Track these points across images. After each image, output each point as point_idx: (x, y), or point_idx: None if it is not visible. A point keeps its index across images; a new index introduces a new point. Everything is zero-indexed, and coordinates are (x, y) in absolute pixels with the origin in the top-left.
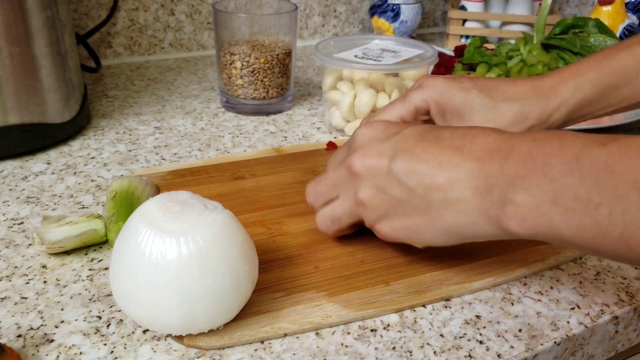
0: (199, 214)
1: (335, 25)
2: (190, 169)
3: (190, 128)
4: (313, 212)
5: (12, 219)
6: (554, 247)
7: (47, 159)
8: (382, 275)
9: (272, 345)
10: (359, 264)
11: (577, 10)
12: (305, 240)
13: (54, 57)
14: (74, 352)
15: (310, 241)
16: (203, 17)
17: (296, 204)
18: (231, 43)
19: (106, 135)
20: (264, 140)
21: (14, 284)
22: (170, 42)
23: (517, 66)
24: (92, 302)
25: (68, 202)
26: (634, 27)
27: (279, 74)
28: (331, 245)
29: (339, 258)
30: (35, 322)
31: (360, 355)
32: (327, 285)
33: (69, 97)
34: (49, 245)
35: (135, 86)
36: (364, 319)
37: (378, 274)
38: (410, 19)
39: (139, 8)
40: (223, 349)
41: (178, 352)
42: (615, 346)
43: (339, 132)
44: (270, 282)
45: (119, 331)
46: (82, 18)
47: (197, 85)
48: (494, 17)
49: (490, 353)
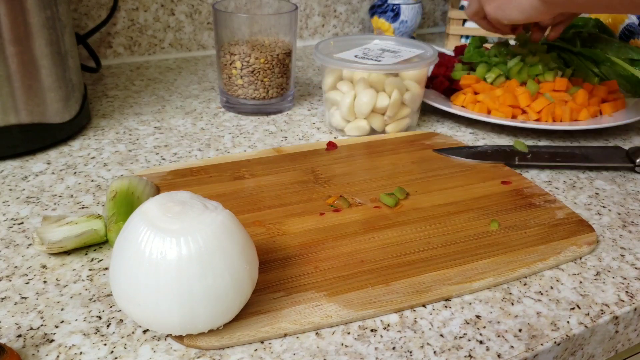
0: (199, 213)
1: (335, 25)
2: (190, 169)
3: (190, 128)
4: (313, 212)
5: (12, 219)
6: (554, 247)
7: (47, 159)
8: (382, 275)
9: (272, 346)
10: (359, 264)
11: None
12: (305, 240)
13: (54, 57)
14: (73, 352)
15: (310, 241)
16: (203, 17)
17: (296, 204)
18: (231, 43)
19: (106, 135)
20: (264, 140)
21: (14, 284)
22: (170, 42)
23: (517, 66)
24: (92, 302)
25: (68, 202)
26: (634, 26)
27: (279, 74)
28: (331, 245)
29: (339, 258)
30: (35, 322)
31: (361, 355)
32: (327, 285)
33: (69, 97)
34: (49, 245)
35: (135, 86)
36: (364, 319)
37: (378, 274)
38: (410, 19)
39: (139, 8)
40: (223, 349)
41: (178, 352)
42: (615, 346)
43: (339, 132)
44: (270, 282)
45: (119, 331)
46: (82, 18)
47: (197, 85)
48: None
49: (490, 353)
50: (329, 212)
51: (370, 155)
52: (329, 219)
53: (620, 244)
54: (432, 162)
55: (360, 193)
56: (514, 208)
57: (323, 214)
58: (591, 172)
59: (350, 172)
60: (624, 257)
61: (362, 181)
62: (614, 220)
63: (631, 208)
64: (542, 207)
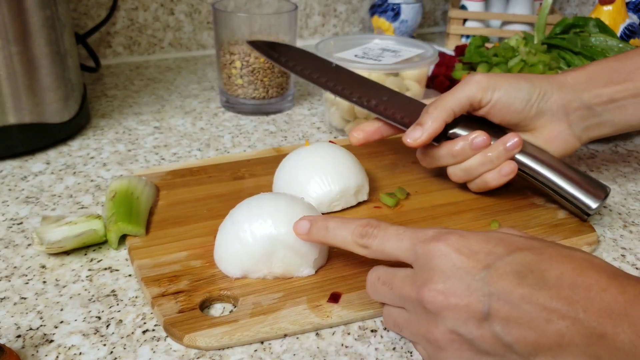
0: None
1: (336, 25)
2: (189, 168)
3: (190, 128)
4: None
5: (11, 219)
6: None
7: (46, 159)
8: None
9: (272, 346)
10: (359, 264)
11: (577, 10)
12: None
13: (53, 57)
14: (73, 353)
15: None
16: (203, 17)
17: None
18: (231, 43)
19: (105, 135)
20: (264, 140)
21: (14, 284)
22: (169, 41)
23: (518, 66)
24: (91, 303)
25: (67, 202)
26: (635, 26)
27: (278, 73)
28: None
29: (339, 258)
30: (34, 322)
31: (361, 356)
32: (327, 285)
33: (68, 97)
34: (48, 245)
35: (135, 86)
36: (364, 320)
37: None
38: (410, 18)
39: (139, 8)
40: (223, 350)
41: (178, 352)
42: None
43: (339, 132)
44: (270, 282)
45: (118, 331)
46: (82, 17)
47: (197, 85)
48: (495, 17)
49: None
50: (329, 212)
51: (370, 155)
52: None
53: (621, 244)
54: None
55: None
56: (514, 208)
57: (323, 214)
58: (592, 172)
59: None
60: (624, 257)
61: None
62: (614, 220)
63: (632, 208)
64: (543, 207)
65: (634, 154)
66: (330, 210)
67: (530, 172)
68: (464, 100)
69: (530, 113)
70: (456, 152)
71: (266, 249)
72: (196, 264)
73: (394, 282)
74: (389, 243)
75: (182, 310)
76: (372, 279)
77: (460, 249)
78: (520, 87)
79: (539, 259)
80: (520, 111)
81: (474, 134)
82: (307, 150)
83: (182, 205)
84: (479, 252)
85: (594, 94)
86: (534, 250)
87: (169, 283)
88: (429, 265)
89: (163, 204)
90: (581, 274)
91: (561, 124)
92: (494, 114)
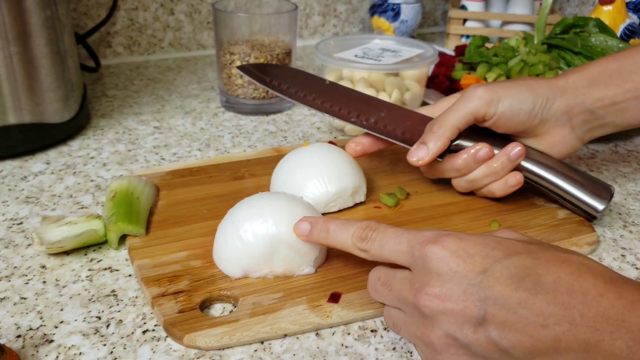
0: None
1: (335, 25)
2: (189, 168)
3: (190, 128)
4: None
5: (11, 219)
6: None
7: (46, 159)
8: None
9: (272, 346)
10: (359, 264)
11: (577, 10)
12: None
13: (53, 57)
14: (73, 353)
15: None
16: (203, 17)
17: None
18: (231, 43)
19: (105, 135)
20: (264, 140)
21: (14, 284)
22: (169, 41)
23: (518, 66)
24: (91, 303)
25: (67, 202)
26: (635, 26)
27: None
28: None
29: (339, 258)
30: (34, 322)
31: (361, 356)
32: (327, 285)
33: (69, 97)
34: (48, 245)
35: (135, 86)
36: (364, 320)
37: None
38: (410, 18)
39: (139, 8)
40: (223, 350)
41: (178, 352)
42: None
43: (339, 132)
44: (270, 282)
45: (118, 331)
46: (82, 17)
47: (197, 85)
48: (495, 17)
49: None
50: (326, 212)
51: (370, 155)
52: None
53: (621, 244)
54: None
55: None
56: (514, 208)
57: (324, 214)
58: (592, 172)
59: None
60: (624, 257)
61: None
62: (614, 221)
63: (632, 208)
64: (543, 207)
65: (634, 154)
66: (327, 211)
67: (535, 178)
68: (469, 117)
69: (534, 122)
70: (460, 165)
71: (267, 248)
72: (196, 264)
73: (393, 283)
74: (387, 247)
75: (182, 310)
76: (372, 279)
77: (457, 252)
78: (523, 98)
79: (535, 263)
80: (524, 121)
81: (476, 147)
82: (305, 150)
83: (182, 205)
84: (476, 256)
85: (595, 97)
86: (531, 254)
87: (169, 283)
88: (425, 269)
89: (163, 204)
90: (578, 278)
91: (564, 128)
92: (499, 126)
